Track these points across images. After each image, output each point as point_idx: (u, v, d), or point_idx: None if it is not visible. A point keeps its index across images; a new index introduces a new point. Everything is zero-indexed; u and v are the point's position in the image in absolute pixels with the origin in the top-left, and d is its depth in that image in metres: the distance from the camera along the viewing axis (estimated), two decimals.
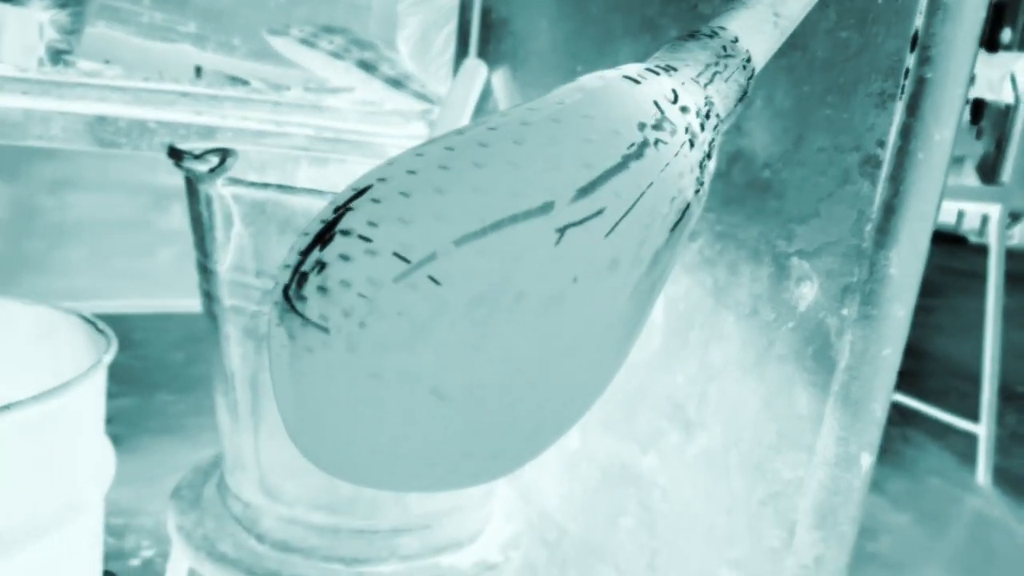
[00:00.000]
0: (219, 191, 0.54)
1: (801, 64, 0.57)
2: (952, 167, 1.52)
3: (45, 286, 1.39)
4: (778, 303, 0.58)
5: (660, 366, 0.67)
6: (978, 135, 1.64)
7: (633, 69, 0.33)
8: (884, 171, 0.51)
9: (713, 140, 0.35)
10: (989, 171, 1.53)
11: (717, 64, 0.35)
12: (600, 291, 0.28)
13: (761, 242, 0.59)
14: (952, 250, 5.06)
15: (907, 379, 2.17)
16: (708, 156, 0.34)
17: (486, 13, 0.90)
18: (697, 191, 0.33)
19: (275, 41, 1.14)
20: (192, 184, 0.59)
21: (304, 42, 1.11)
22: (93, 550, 0.69)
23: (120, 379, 1.52)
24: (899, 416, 1.91)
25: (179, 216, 1.49)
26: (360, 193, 0.26)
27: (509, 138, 0.28)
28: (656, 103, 0.32)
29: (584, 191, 0.27)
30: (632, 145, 0.29)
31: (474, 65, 0.86)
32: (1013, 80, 1.51)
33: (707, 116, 0.34)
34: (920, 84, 0.50)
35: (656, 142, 0.30)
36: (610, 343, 0.29)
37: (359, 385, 0.24)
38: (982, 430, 1.55)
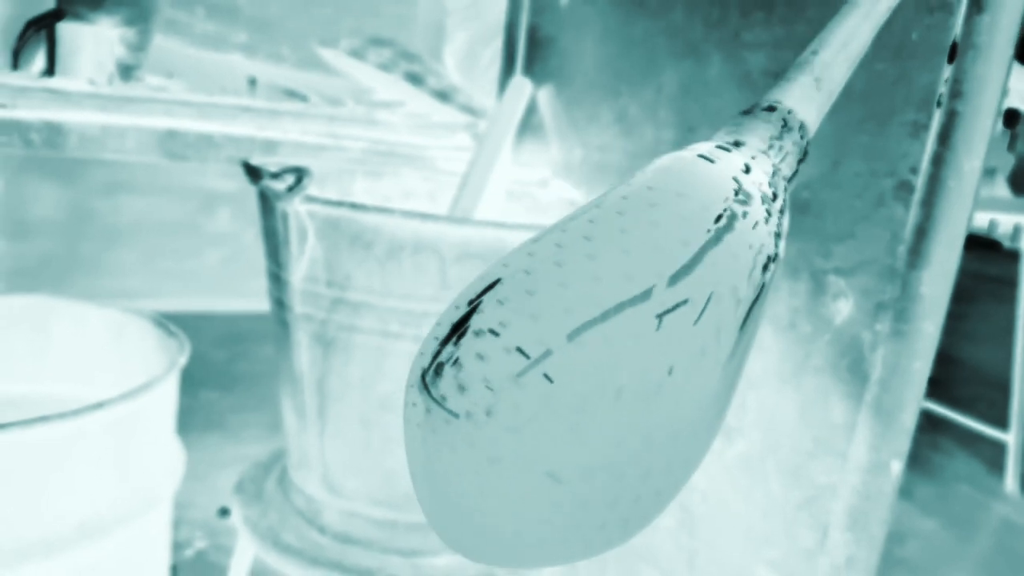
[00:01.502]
0: (296, 208, 0.58)
1: (840, 93, 0.60)
2: (984, 178, 1.53)
3: (98, 286, 1.45)
4: (815, 317, 0.61)
5: None
6: (1012, 142, 1.66)
7: (705, 148, 0.36)
8: (916, 196, 0.55)
9: (784, 208, 0.37)
10: (1021, 182, 1.55)
11: (780, 137, 0.38)
12: (694, 378, 0.30)
13: (800, 259, 0.62)
14: (985, 255, 5.02)
15: (937, 386, 2.18)
16: (781, 230, 0.36)
17: (533, 31, 0.94)
18: (774, 258, 0.35)
19: (325, 53, 1.18)
20: (267, 200, 0.63)
21: (354, 54, 1.15)
22: (164, 540, 0.74)
23: None
24: (928, 423, 1.92)
25: (226, 219, 1.55)
26: (487, 290, 0.30)
27: (615, 226, 0.31)
28: (734, 178, 0.34)
29: (677, 276, 0.30)
30: (720, 218, 0.32)
31: (520, 83, 0.90)
32: None
33: (778, 186, 0.36)
34: (952, 117, 0.53)
35: (742, 214, 0.33)
36: (704, 423, 0.32)
37: (482, 468, 0.28)
38: (1011, 438, 1.57)
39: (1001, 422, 1.63)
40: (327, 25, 1.46)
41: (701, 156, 0.35)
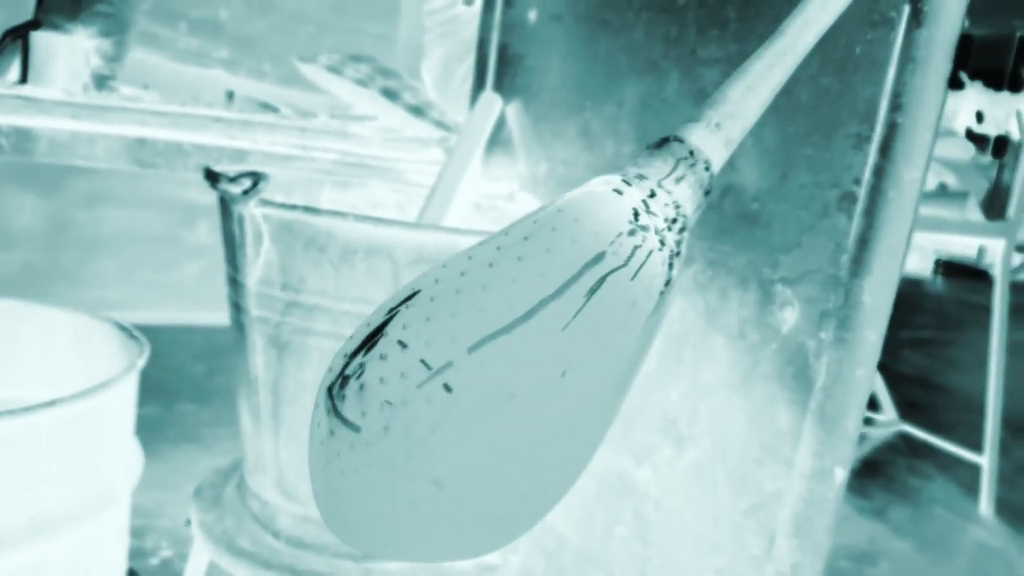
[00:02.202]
0: (251, 211, 0.59)
1: (787, 106, 0.61)
2: (957, 202, 1.55)
3: (77, 296, 1.45)
4: (763, 326, 0.62)
5: (656, 384, 0.71)
6: (999, 172, 1.67)
7: (613, 180, 0.38)
8: (859, 207, 0.56)
9: (680, 239, 0.39)
10: (994, 206, 1.56)
11: (679, 174, 0.40)
12: (584, 384, 0.33)
13: (749, 269, 0.63)
14: (973, 284, 5.05)
15: (918, 411, 2.19)
16: (677, 253, 0.38)
17: (503, 49, 0.95)
18: (667, 283, 0.37)
19: (304, 68, 1.20)
20: (226, 204, 0.64)
21: (331, 69, 1.17)
22: (120, 543, 0.74)
23: (143, 388, 1.59)
24: (907, 447, 1.93)
25: (206, 232, 1.55)
26: (389, 320, 0.32)
27: (513, 255, 0.34)
28: (633, 209, 0.36)
29: (558, 293, 0.32)
30: (610, 245, 0.34)
31: (490, 98, 0.92)
32: (1019, 117, 1.55)
33: (674, 219, 0.38)
34: (892, 129, 0.54)
35: (633, 246, 0.35)
36: (587, 431, 0.34)
37: (378, 477, 0.30)
38: (985, 461, 1.57)
39: (981, 447, 1.63)
40: (309, 43, 1.48)
41: (607, 189, 0.37)
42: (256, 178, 0.59)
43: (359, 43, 1.50)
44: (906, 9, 0.54)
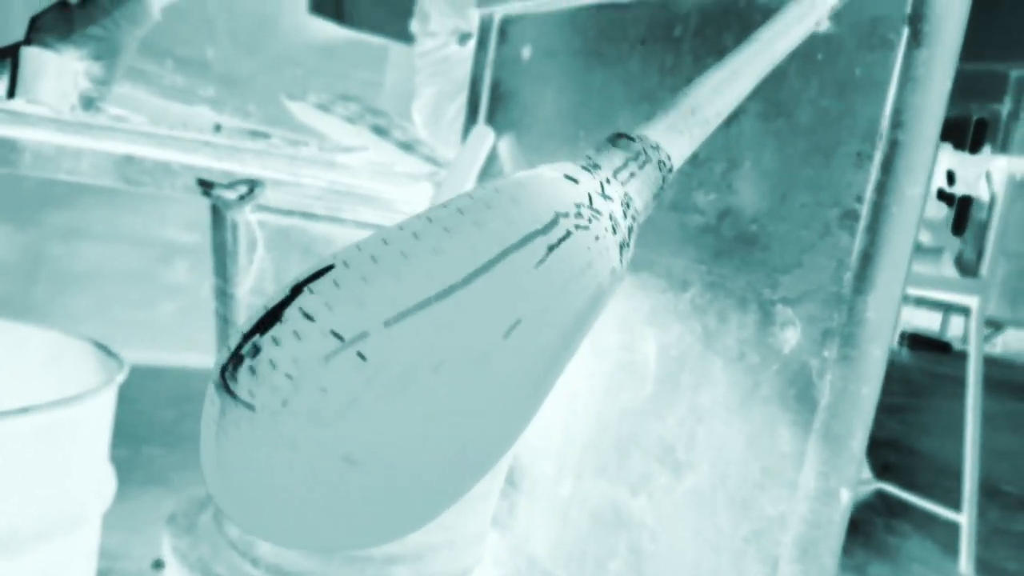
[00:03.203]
0: (246, 218, 0.58)
1: (786, 129, 0.62)
2: (931, 258, 1.58)
3: None
4: (763, 347, 0.61)
5: (652, 410, 0.70)
6: (958, 224, 1.70)
7: (566, 167, 0.37)
8: (862, 223, 0.56)
9: (631, 229, 0.38)
10: (967, 264, 1.59)
11: (638, 164, 0.39)
12: (506, 358, 0.31)
13: (748, 291, 0.63)
14: (937, 356, 5.12)
15: (893, 473, 2.18)
16: (627, 245, 0.37)
17: (496, 85, 0.96)
18: (613, 271, 0.36)
19: (292, 106, 1.20)
20: (219, 212, 0.63)
21: (321, 107, 1.17)
22: (89, 565, 0.70)
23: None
24: (884, 506, 1.91)
25: (183, 271, 1.53)
26: (299, 287, 0.29)
27: (440, 226, 0.31)
28: (588, 194, 0.36)
29: (488, 266, 0.31)
30: (549, 225, 0.33)
31: (482, 131, 0.92)
32: (988, 178, 1.59)
33: (626, 210, 0.37)
34: (893, 146, 0.55)
35: (575, 227, 0.34)
36: (511, 408, 0.32)
37: (278, 456, 0.27)
38: (964, 519, 1.56)
39: (955, 507, 1.62)
40: (295, 85, 1.49)
41: (557, 173, 0.36)
42: (252, 185, 0.58)
43: (346, 88, 1.51)
44: (905, 31, 0.55)
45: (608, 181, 0.37)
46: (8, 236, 1.36)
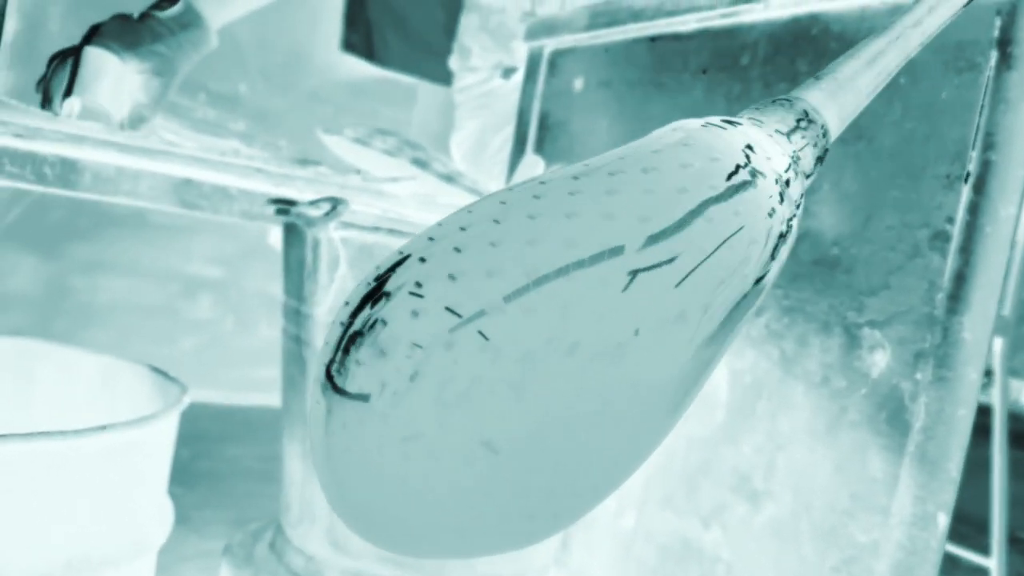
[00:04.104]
0: (330, 235, 0.57)
1: (867, 152, 0.62)
2: None
3: None
4: (850, 371, 0.60)
5: (724, 439, 0.69)
6: None
7: (714, 119, 0.34)
8: (954, 244, 0.56)
9: (801, 197, 0.35)
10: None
11: (801, 126, 0.36)
12: (662, 346, 0.27)
13: (831, 314, 0.62)
14: None
15: None
16: (794, 215, 0.34)
17: (544, 117, 0.96)
18: (785, 237, 0.32)
19: (328, 140, 1.20)
20: (294, 232, 0.62)
21: (358, 141, 1.17)
22: None
23: None
24: None
25: (206, 307, 1.51)
26: (404, 258, 0.27)
27: (564, 189, 0.28)
28: (748, 146, 0.32)
29: (655, 238, 0.27)
30: (731, 176, 0.30)
31: (534, 160, 0.92)
32: None
33: (796, 171, 0.34)
34: (986, 166, 0.55)
35: (748, 182, 0.30)
36: (667, 401, 0.28)
37: (404, 447, 0.24)
38: (993, 563, 1.54)
39: (984, 552, 1.60)
40: (326, 121, 1.49)
41: (710, 124, 0.33)
42: (335, 203, 0.57)
43: (375, 122, 1.52)
44: (994, 54, 0.56)
45: (771, 136, 0.34)
46: (33, 268, 1.34)
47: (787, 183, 0.34)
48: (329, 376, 0.25)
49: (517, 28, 1.10)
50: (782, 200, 0.33)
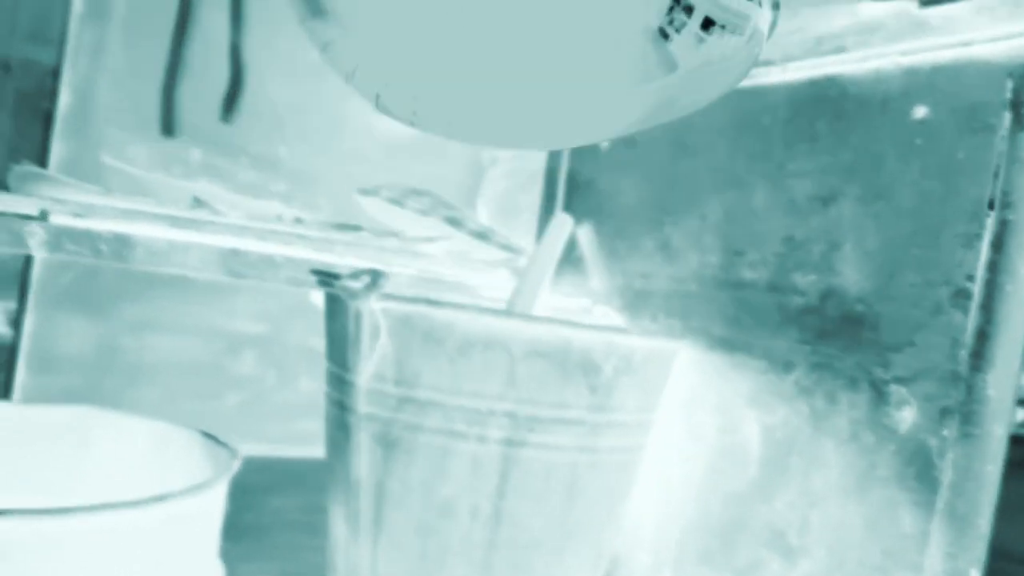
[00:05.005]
0: (371, 306, 0.60)
1: (887, 212, 0.64)
2: None
3: None
4: (878, 427, 0.61)
5: (758, 495, 0.70)
6: None
7: None
8: (975, 301, 0.57)
9: None
10: None
11: None
12: None
13: (858, 371, 0.63)
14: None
15: None
16: None
17: (572, 175, 0.99)
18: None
19: (365, 201, 1.24)
20: (336, 302, 0.65)
21: (393, 201, 1.21)
22: None
23: None
24: None
25: (250, 362, 1.55)
26: None
27: None
28: None
29: None
30: None
31: (563, 219, 0.95)
32: None
33: None
34: (1004, 225, 0.56)
35: None
36: None
37: None
38: None
39: None
40: (363, 180, 1.54)
41: None
42: (375, 275, 0.60)
43: (410, 181, 1.56)
44: (1007, 116, 0.57)
45: None
46: (83, 329, 1.39)
47: None
48: None
49: None
50: None
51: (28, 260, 1.31)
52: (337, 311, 0.65)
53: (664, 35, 0.37)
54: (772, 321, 0.71)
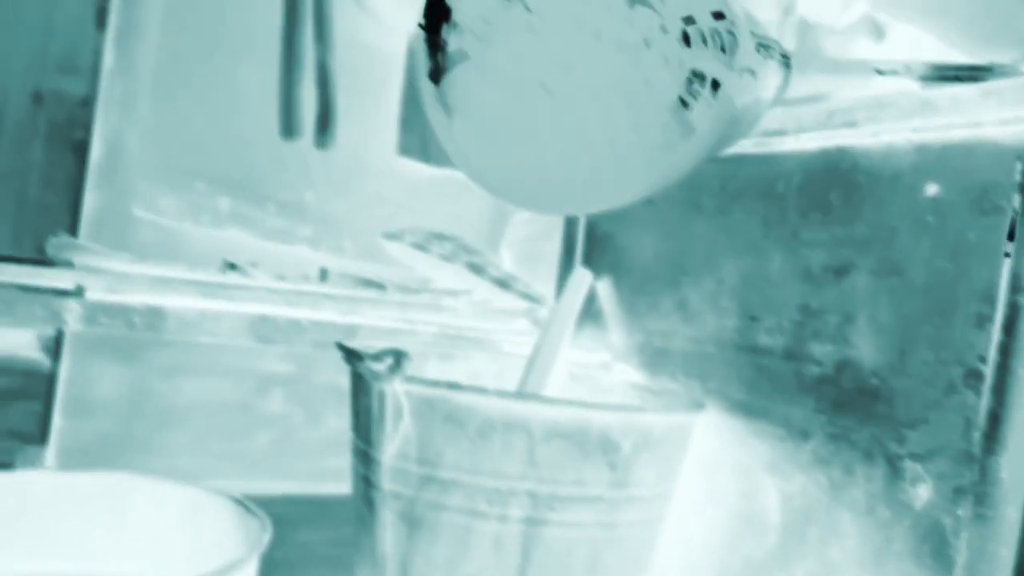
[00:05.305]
0: (394, 388, 0.62)
1: (900, 287, 0.65)
2: None
3: (149, 466, 1.46)
4: (894, 502, 0.62)
5: (777, 563, 0.71)
6: None
7: None
8: (987, 383, 0.58)
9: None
10: None
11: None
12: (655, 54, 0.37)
13: (874, 444, 0.64)
14: None
15: None
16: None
17: (591, 228, 1.01)
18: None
19: (390, 245, 1.27)
20: (363, 380, 0.67)
21: (417, 247, 1.23)
22: None
23: None
24: None
25: (279, 401, 1.58)
26: None
27: None
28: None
29: None
30: None
31: (582, 274, 0.96)
32: None
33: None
34: (1014, 309, 0.57)
35: None
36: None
37: (496, 95, 0.36)
38: None
39: None
40: (386, 221, 1.56)
41: None
42: (398, 356, 0.62)
43: (433, 221, 1.58)
44: (1017, 198, 0.58)
45: None
46: (117, 375, 1.43)
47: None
48: (433, 77, 0.37)
49: None
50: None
51: None
52: (362, 388, 0.67)
53: (684, 104, 0.41)
54: (789, 388, 0.72)
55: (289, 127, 1.43)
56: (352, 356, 0.66)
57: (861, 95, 0.68)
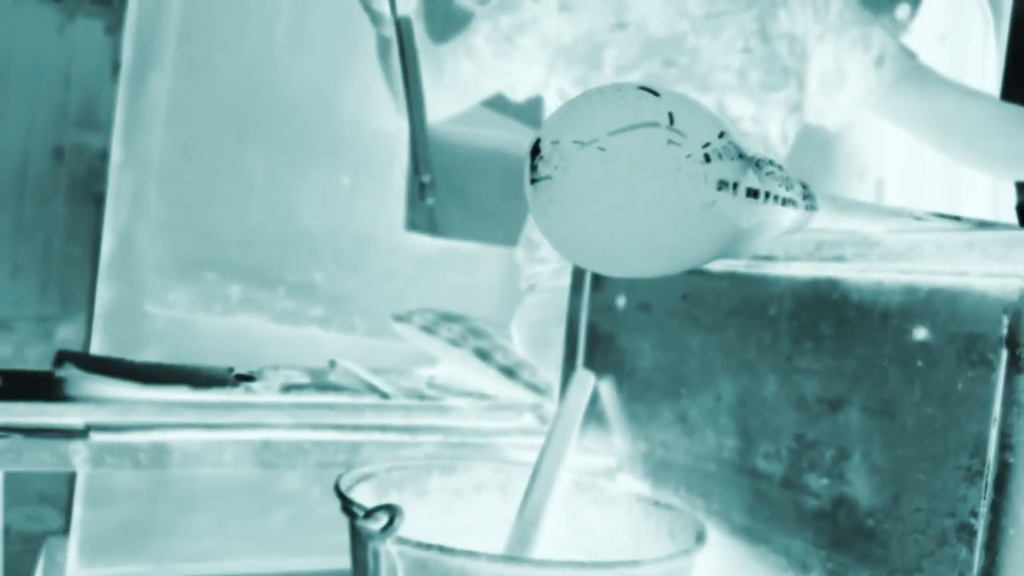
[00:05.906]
0: (387, 548, 0.63)
1: (892, 429, 0.64)
2: None
3: (171, 550, 1.48)
4: None
5: None
6: None
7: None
8: (979, 540, 0.57)
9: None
10: None
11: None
12: (688, 183, 0.47)
13: None
14: None
15: None
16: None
17: (593, 327, 1.01)
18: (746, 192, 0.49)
19: (399, 327, 1.28)
20: (359, 535, 0.68)
21: (425, 329, 1.24)
22: None
23: None
24: None
25: (294, 479, 1.59)
26: (553, 123, 0.49)
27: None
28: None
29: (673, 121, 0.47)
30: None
31: (584, 377, 0.97)
32: None
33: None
34: (1004, 467, 0.57)
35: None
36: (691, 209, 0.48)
37: (572, 204, 0.47)
38: None
39: None
40: (395, 297, 1.58)
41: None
42: (392, 514, 0.63)
43: (440, 294, 1.60)
44: (1004, 353, 0.58)
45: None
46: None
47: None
48: (531, 180, 0.49)
49: None
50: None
51: None
52: (359, 542, 0.68)
53: (713, 202, 0.50)
54: (788, 518, 0.72)
55: (416, 220, 1.47)
56: (349, 513, 0.67)
57: (848, 230, 0.68)
